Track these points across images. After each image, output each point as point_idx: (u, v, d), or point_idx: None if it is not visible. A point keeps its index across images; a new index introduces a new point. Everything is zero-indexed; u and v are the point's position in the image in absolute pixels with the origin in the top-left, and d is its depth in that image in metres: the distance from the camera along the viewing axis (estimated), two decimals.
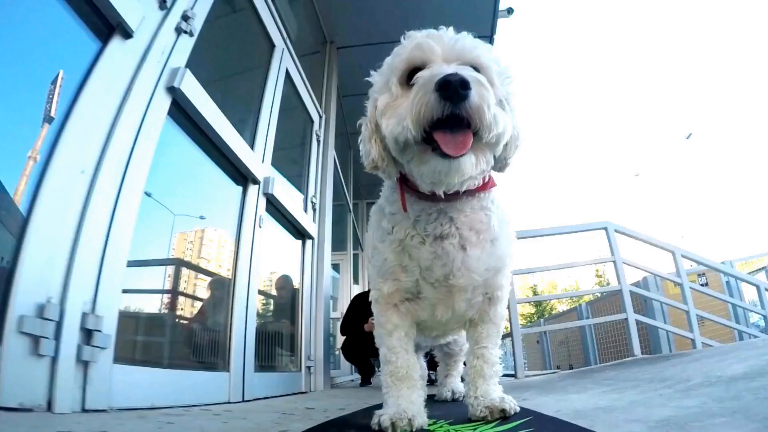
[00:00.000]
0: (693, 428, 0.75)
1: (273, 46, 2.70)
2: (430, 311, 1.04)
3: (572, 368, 4.89)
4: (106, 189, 1.22)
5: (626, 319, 3.19)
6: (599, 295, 6.10)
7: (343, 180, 5.03)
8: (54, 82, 1.17)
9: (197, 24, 1.69)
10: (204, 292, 1.99)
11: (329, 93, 3.81)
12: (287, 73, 2.86)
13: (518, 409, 1.00)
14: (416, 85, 0.81)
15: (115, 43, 1.30)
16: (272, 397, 2.05)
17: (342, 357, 3.85)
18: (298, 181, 3.23)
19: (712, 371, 1.51)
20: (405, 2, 3.60)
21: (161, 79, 1.47)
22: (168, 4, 1.53)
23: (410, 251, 0.97)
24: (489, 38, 3.77)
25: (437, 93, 0.77)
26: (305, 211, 3.02)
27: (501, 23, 3.84)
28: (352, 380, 4.43)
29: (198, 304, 1.95)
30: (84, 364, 1.08)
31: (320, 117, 3.56)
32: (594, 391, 1.60)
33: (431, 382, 2.58)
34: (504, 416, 0.96)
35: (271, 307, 2.82)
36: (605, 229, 3.40)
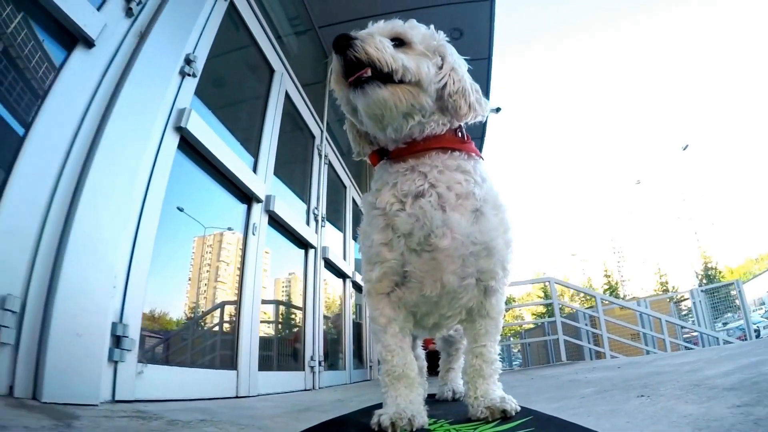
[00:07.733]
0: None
1: None
2: (419, 289, 1.03)
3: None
4: None
5: (557, 338, 5.22)
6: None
7: None
8: None
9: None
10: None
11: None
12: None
13: (519, 409, 1.00)
14: None
15: None
16: (358, 382, 4.19)
17: None
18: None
19: (579, 372, 2.59)
20: None
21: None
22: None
23: (392, 222, 1.00)
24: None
25: (334, 53, 0.98)
26: (356, 272, 5.14)
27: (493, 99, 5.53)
28: None
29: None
30: (313, 373, 3.23)
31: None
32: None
33: (435, 373, 3.14)
34: (504, 416, 0.97)
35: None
36: (549, 281, 5.42)
